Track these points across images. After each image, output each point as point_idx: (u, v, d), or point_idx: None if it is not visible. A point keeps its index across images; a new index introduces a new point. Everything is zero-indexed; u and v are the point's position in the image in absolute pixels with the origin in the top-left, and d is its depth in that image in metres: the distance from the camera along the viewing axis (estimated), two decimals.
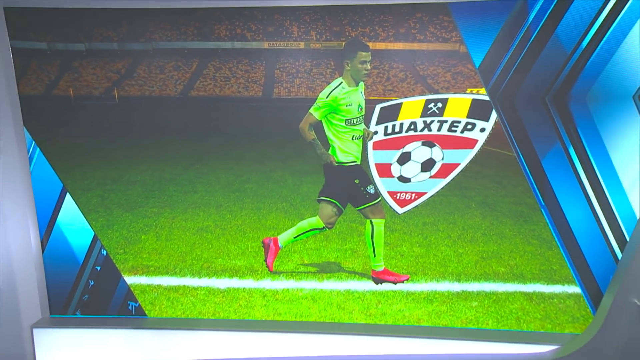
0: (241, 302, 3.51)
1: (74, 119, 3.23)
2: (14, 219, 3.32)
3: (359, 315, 3.44)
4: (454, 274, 3.29)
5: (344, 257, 3.40)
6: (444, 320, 3.36)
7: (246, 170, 3.56)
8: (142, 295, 3.49)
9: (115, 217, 3.41)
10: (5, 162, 3.25)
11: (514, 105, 2.99)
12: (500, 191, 3.20)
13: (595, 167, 3.01)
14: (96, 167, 3.33)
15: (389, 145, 3.18)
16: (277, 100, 3.18)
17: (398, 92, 3.10)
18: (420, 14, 2.93)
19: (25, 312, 3.45)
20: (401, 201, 3.25)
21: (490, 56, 2.92)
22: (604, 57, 2.86)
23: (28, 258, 3.41)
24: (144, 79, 3.14)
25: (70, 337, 3.44)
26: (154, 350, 3.45)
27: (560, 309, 3.22)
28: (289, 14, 3.00)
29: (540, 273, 3.20)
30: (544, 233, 3.13)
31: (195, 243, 3.48)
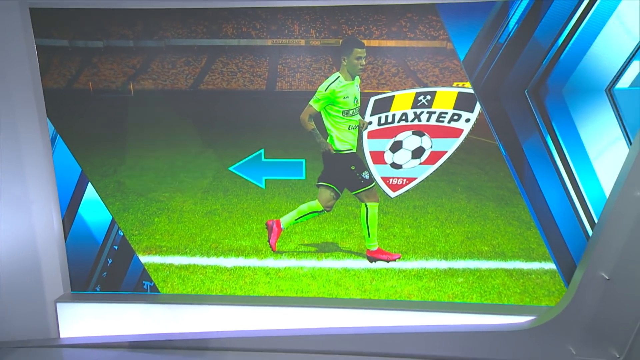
0: (246, 279, 3.81)
1: (92, 111, 3.49)
2: (38, 203, 3.61)
3: (354, 291, 3.74)
4: (442, 253, 3.59)
5: (341, 237, 3.69)
6: (433, 295, 3.66)
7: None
8: (155, 273, 3.80)
9: (130, 201, 3.69)
10: (29, 151, 3.53)
11: (496, 98, 3.27)
12: (483, 177, 3.47)
13: (570, 155, 3.29)
14: (113, 155, 3.60)
15: (382, 134, 3.46)
16: (279, 93, 3.44)
17: (390, 86, 3.37)
18: (411, 14, 3.20)
19: (49, 288, 3.76)
20: (393, 186, 3.54)
21: (473, 53, 3.19)
22: (578, 54, 3.14)
23: (51, 239, 3.71)
24: (157, 73, 3.41)
25: (91, 311, 3.75)
26: (166, 323, 3.76)
27: (537, 284, 3.53)
28: (290, 13, 3.26)
29: (519, 251, 3.50)
30: (523, 215, 3.43)
31: (204, 225, 3.77)
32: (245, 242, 3.74)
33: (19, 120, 3.42)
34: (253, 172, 3.55)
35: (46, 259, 3.70)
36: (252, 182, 3.57)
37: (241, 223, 3.73)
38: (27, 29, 3.24)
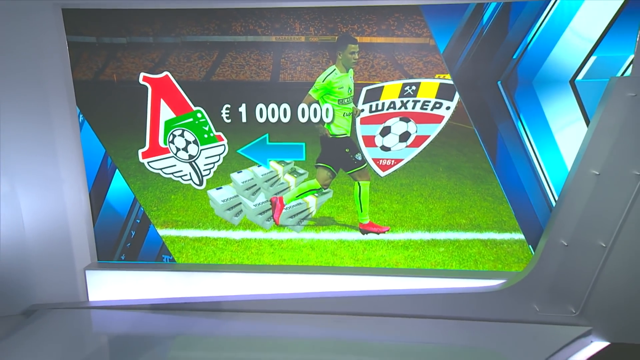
0: (253, 250, 4.30)
1: (116, 100, 3.94)
2: (68, 182, 4.08)
3: (348, 260, 4.24)
4: (425, 225, 4.07)
5: (337, 212, 4.16)
6: (417, 263, 4.16)
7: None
8: (172, 244, 4.28)
9: (150, 180, 4.14)
10: (60, 136, 3.99)
11: (472, 88, 3.73)
12: (462, 158, 3.92)
13: (537, 139, 3.76)
14: (134, 139, 4.03)
15: (373, 120, 3.91)
16: (282, 84, 3.88)
17: (380, 77, 3.81)
18: (398, 14, 3.63)
19: (79, 258, 4.26)
20: (383, 166, 4.01)
21: (453, 48, 3.64)
22: (544, 50, 3.59)
23: (80, 214, 4.19)
24: (174, 66, 3.84)
25: (115, 278, 4.25)
26: (182, 288, 4.26)
27: (508, 252, 4.02)
28: (292, 13, 3.69)
29: (493, 224, 3.98)
30: (496, 191, 3.91)
31: None
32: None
33: (51, 108, 3.88)
34: (259, 154, 4.01)
35: (76, 232, 4.19)
36: (257, 163, 4.03)
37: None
38: (59, 27, 3.67)
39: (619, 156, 3.41)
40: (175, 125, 3.96)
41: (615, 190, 3.46)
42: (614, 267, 3.60)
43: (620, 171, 3.43)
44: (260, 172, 4.07)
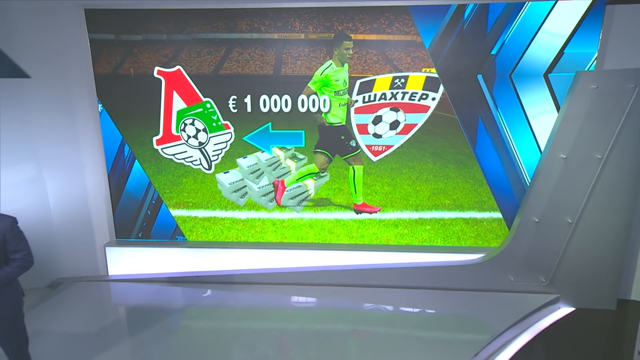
0: (257, 228, 4.71)
1: (133, 91, 4.32)
2: (89, 167, 4.50)
3: (344, 237, 4.66)
4: (413, 206, 4.49)
5: (333, 194, 4.58)
6: (406, 240, 4.59)
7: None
8: (183, 224, 4.70)
9: (163, 165, 4.54)
10: (82, 124, 4.39)
11: (455, 81, 4.13)
12: (446, 144, 4.32)
13: (513, 127, 4.17)
14: (149, 127, 4.42)
15: (366, 110, 4.31)
16: (284, 77, 4.27)
17: (372, 71, 4.21)
18: (388, 14, 4.02)
19: (99, 236, 4.69)
20: (375, 152, 4.42)
21: (437, 45, 4.04)
22: (520, 46, 3.98)
23: (99, 197, 4.60)
24: (186, 61, 4.22)
25: (132, 254, 4.68)
26: (192, 263, 4.69)
27: (487, 229, 4.45)
28: (292, 13, 4.07)
29: (474, 204, 4.40)
30: (477, 174, 4.32)
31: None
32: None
33: (74, 100, 4.28)
34: (262, 141, 4.41)
35: (96, 212, 4.62)
36: (261, 149, 4.43)
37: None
38: (81, 26, 4.06)
39: (584, 142, 3.84)
40: (187, 114, 4.35)
41: (580, 172, 3.90)
42: (579, 241, 4.05)
43: (585, 155, 3.86)
44: (263, 157, 4.48)
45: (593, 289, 4.13)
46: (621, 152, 3.78)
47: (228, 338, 3.70)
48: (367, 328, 3.92)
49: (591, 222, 3.98)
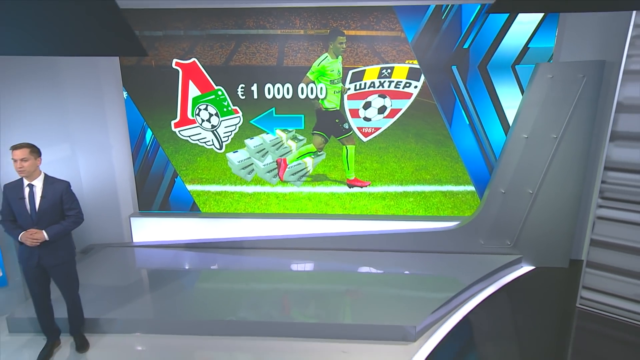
0: (262, 201, 5.36)
1: (154, 81, 4.92)
2: (115, 147, 5.12)
3: (338, 208, 5.32)
4: (398, 180, 5.14)
5: (329, 170, 5.22)
6: (392, 210, 5.25)
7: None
8: (198, 197, 5.33)
9: (180, 145, 5.17)
10: (110, 110, 5.00)
11: (434, 71, 4.74)
12: (426, 126, 4.95)
13: (481, 112, 4.80)
14: (168, 112, 5.03)
15: (357, 97, 4.93)
16: (285, 67, 4.87)
17: (363, 62, 4.81)
18: (376, 13, 4.61)
19: (124, 207, 5.33)
20: (365, 133, 5.05)
21: (419, 40, 4.64)
22: (490, 41, 4.59)
23: (125, 172, 5.23)
24: (200, 54, 4.82)
25: (153, 223, 5.33)
26: (206, 231, 5.34)
27: (462, 201, 5.11)
28: (293, 11, 4.66)
29: (451, 178, 5.05)
30: (453, 153, 4.97)
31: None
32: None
33: (103, 88, 4.88)
34: (267, 124, 5.03)
35: (122, 187, 5.25)
36: (266, 131, 5.05)
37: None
38: None
39: (542, 124, 4.49)
40: (201, 100, 4.97)
41: (539, 149, 4.55)
42: (538, 209, 4.72)
43: (543, 135, 4.51)
44: (268, 138, 5.10)
45: (549, 250, 4.82)
46: (572, 132, 4.44)
47: (236, 296, 4.19)
48: (359, 288, 4.44)
49: (548, 192, 4.65)
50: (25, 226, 3.19)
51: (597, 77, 4.25)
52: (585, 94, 4.29)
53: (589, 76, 4.25)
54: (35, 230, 3.17)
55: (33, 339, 3.67)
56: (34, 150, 3.15)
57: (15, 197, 3.19)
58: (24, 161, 3.09)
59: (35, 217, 3.18)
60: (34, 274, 3.29)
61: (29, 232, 3.16)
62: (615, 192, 3.74)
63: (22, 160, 3.08)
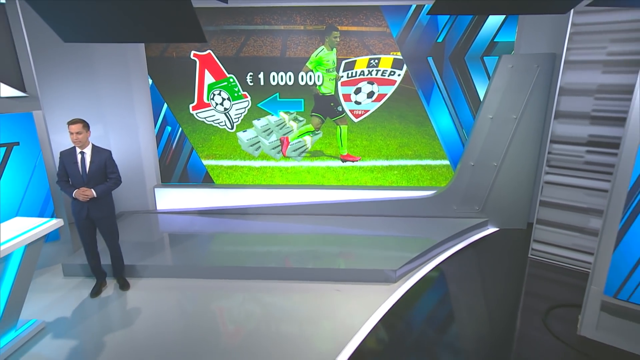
0: (267, 174, 6.06)
1: (175, 70, 5.58)
2: (142, 127, 5.79)
3: (333, 180, 6.03)
4: (385, 156, 5.84)
5: (325, 147, 5.91)
6: (379, 182, 5.96)
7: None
8: (212, 171, 6.03)
9: (197, 126, 5.84)
10: (137, 95, 5.66)
11: (415, 62, 5.42)
12: (408, 109, 5.64)
13: (454, 96, 5.49)
14: (187, 96, 5.70)
15: (349, 83, 5.61)
16: (288, 58, 5.53)
17: (354, 54, 5.48)
18: (366, 11, 5.27)
19: (149, 180, 6.03)
20: (356, 115, 5.73)
21: (402, 34, 5.31)
22: (461, 35, 5.26)
23: (149, 149, 5.91)
24: (215, 46, 5.47)
25: (174, 193, 6.02)
26: (219, 199, 6.04)
27: (439, 173, 5.83)
28: (294, 10, 5.31)
29: (429, 154, 5.76)
30: (431, 132, 5.67)
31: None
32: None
33: (131, 77, 5.53)
34: (272, 106, 5.71)
35: (147, 162, 5.94)
36: (271, 113, 5.73)
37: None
38: None
39: (504, 106, 5.19)
40: (215, 87, 5.63)
41: (502, 128, 5.26)
42: (501, 179, 5.45)
43: (505, 116, 5.22)
44: (273, 119, 5.79)
45: (510, 214, 5.57)
46: (529, 113, 5.15)
47: (244, 255, 4.75)
48: (351, 244, 5.11)
49: (510, 165, 5.37)
50: (78, 185, 3.81)
51: (549, 67, 4.95)
52: (539, 81, 4.99)
53: (542, 66, 4.95)
54: (86, 189, 3.82)
55: (83, 281, 4.39)
56: (85, 125, 3.81)
57: (70, 162, 3.84)
58: (78, 134, 3.74)
59: (86, 178, 3.84)
60: (84, 225, 3.96)
61: (81, 190, 3.79)
62: (558, 161, 4.47)
63: (77, 133, 3.73)
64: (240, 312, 3.87)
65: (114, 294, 4.20)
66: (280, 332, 3.56)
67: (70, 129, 3.73)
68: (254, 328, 3.62)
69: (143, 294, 4.20)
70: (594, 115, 4.16)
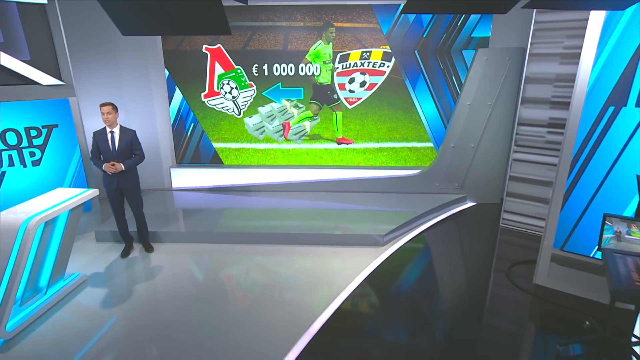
0: (271, 155, 6.61)
1: (188, 62, 6.09)
2: (159, 114, 6.32)
3: (329, 160, 6.58)
4: (375, 139, 6.39)
5: (322, 131, 6.46)
6: (371, 162, 6.52)
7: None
8: (222, 152, 6.58)
9: (208, 112, 6.38)
10: (155, 85, 6.17)
11: (402, 55, 5.95)
12: (396, 96, 6.18)
13: (434, 86, 6.03)
14: (199, 86, 6.22)
15: (344, 74, 6.14)
16: (289, 51, 6.05)
17: (348, 47, 6.00)
18: (359, 10, 5.79)
19: (165, 161, 6.57)
20: (350, 102, 6.28)
21: (391, 30, 5.83)
22: (443, 31, 5.79)
23: (166, 134, 6.45)
24: (224, 41, 5.99)
25: (187, 173, 6.57)
26: (227, 178, 6.59)
27: (424, 154, 6.40)
28: (295, 8, 5.82)
29: (415, 137, 6.32)
30: (417, 117, 6.22)
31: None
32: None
33: (150, 69, 6.05)
34: (275, 95, 6.25)
35: (163, 145, 6.48)
36: (274, 100, 6.27)
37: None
38: None
39: (480, 93, 5.73)
40: (224, 77, 6.16)
41: (478, 113, 5.81)
42: (478, 159, 6.02)
43: (481, 102, 5.77)
44: (276, 106, 6.32)
45: (486, 190, 6.14)
46: (502, 100, 5.70)
47: (251, 225, 5.40)
48: (345, 215, 5.67)
49: (485, 146, 5.94)
50: (108, 160, 4.29)
51: (519, 59, 5.48)
52: (510, 72, 5.54)
53: (513, 59, 5.48)
54: (115, 163, 4.36)
55: (113, 246, 4.97)
56: (115, 107, 4.32)
57: (102, 140, 4.35)
58: (108, 114, 4.25)
59: (115, 153, 4.35)
60: (114, 195, 4.48)
61: (111, 164, 4.33)
62: (524, 141, 5.04)
63: (107, 114, 4.24)
64: (247, 273, 4.47)
65: (140, 256, 4.78)
66: (282, 279, 4.17)
67: (102, 110, 4.24)
68: (259, 282, 4.23)
69: (164, 255, 4.77)
70: (553, 101, 4.73)
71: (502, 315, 3.67)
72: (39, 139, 4.67)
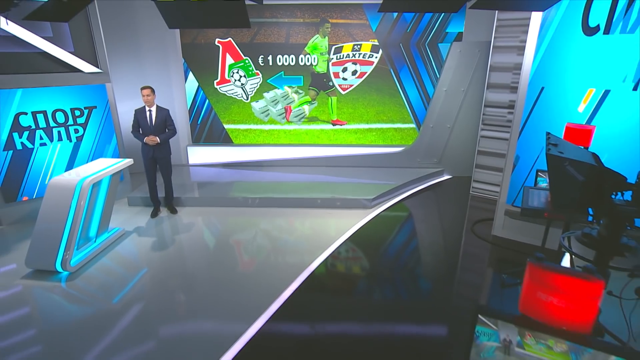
0: (275, 135, 7.31)
1: (203, 53, 6.75)
2: (177, 100, 6.99)
3: (325, 139, 7.29)
4: (365, 120, 7.10)
5: (319, 114, 7.15)
6: (361, 141, 7.23)
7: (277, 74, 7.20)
8: (232, 133, 7.27)
9: (220, 97, 7.05)
10: (174, 74, 6.83)
11: (388, 47, 6.62)
12: (383, 84, 6.86)
13: (418, 74, 6.72)
14: (212, 74, 6.88)
15: (338, 64, 6.82)
16: (290, 44, 6.70)
17: (341, 41, 6.67)
18: (351, 8, 6.44)
19: (182, 140, 7.26)
20: (343, 88, 6.96)
21: (379, 27, 6.49)
22: (423, 27, 6.46)
23: (183, 117, 7.14)
24: (234, 35, 6.64)
25: (202, 150, 7.27)
26: (237, 155, 7.29)
27: (407, 135, 7.11)
28: (295, 7, 6.47)
29: (400, 119, 7.03)
30: (401, 102, 6.92)
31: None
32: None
33: (169, 59, 6.70)
34: (279, 82, 6.92)
35: (181, 127, 7.16)
36: (277, 87, 6.95)
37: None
38: None
39: (455, 81, 6.44)
40: (234, 66, 6.82)
41: (453, 97, 6.52)
42: (453, 138, 6.74)
43: (455, 88, 6.47)
44: (279, 92, 7.00)
45: (460, 164, 6.88)
46: (473, 86, 6.40)
47: (259, 193, 6.20)
48: (339, 185, 6.44)
49: (459, 126, 6.65)
50: (147, 134, 5.00)
51: (487, 51, 6.16)
52: (480, 62, 6.23)
53: (482, 51, 6.18)
54: (153, 136, 5.04)
55: (143, 209, 5.69)
56: (152, 90, 4.98)
57: (142, 117, 5.02)
58: (148, 95, 4.91)
59: (153, 128, 5.04)
60: (149, 163, 5.17)
61: (149, 137, 5.02)
62: (490, 120, 5.76)
63: (147, 95, 4.91)
64: (258, 227, 5.22)
65: (166, 217, 5.50)
66: (285, 235, 4.93)
67: (142, 92, 4.89)
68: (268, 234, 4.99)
69: (186, 217, 5.49)
70: (512, 86, 5.44)
71: (468, 260, 4.44)
72: (82, 118, 5.36)
